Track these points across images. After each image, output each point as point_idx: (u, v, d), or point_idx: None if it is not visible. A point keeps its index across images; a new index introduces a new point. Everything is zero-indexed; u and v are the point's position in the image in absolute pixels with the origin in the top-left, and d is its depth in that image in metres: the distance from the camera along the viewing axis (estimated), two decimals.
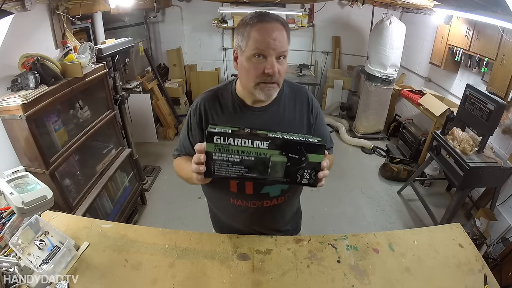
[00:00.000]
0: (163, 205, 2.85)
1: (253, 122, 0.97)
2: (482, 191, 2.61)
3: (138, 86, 3.46)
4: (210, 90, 1.04)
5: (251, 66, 0.86)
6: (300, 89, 1.07)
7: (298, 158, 0.76)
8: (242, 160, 0.75)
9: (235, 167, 0.75)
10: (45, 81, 1.58)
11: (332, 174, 1.06)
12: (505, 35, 2.24)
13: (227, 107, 0.99)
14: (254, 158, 0.75)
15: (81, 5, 2.07)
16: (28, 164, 1.61)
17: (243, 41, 0.86)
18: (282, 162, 0.76)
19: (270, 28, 0.84)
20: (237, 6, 3.64)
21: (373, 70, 3.64)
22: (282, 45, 0.85)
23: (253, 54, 0.85)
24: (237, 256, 1.04)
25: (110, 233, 1.13)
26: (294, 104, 1.03)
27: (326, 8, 4.38)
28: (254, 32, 0.84)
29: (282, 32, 0.86)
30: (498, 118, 2.08)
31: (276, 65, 0.85)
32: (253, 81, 0.88)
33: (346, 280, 0.96)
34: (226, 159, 0.74)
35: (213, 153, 0.74)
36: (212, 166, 0.75)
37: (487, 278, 0.96)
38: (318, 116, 1.06)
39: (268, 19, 0.85)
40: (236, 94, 1.00)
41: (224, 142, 0.73)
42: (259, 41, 0.83)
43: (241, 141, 0.74)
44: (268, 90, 0.89)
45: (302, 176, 0.78)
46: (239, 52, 0.90)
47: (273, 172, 0.76)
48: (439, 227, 1.23)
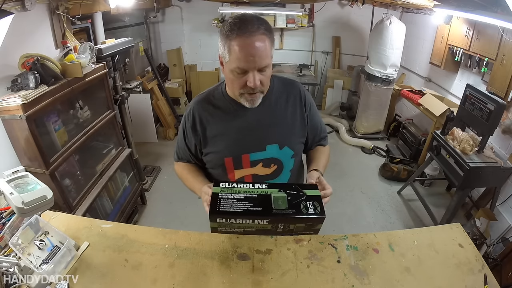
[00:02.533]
0: (163, 205, 2.85)
1: (246, 120, 1.00)
2: (482, 191, 2.61)
3: (138, 86, 3.46)
4: (201, 94, 1.07)
5: (234, 79, 0.90)
6: (291, 83, 1.08)
7: (297, 193, 0.86)
8: (246, 198, 0.84)
9: (240, 203, 0.83)
10: (45, 81, 1.58)
11: (332, 174, 1.07)
12: (505, 35, 2.24)
13: (220, 107, 1.02)
14: (257, 195, 0.84)
15: (81, 5, 2.07)
16: (28, 164, 1.61)
17: (226, 52, 0.87)
18: (283, 197, 0.84)
19: (249, 44, 0.83)
20: (237, 6, 3.65)
21: (373, 70, 3.64)
22: (262, 60, 0.85)
23: (234, 68, 0.87)
24: (237, 256, 1.04)
25: (110, 233, 1.13)
26: (286, 98, 1.04)
27: (326, 8, 4.38)
28: (235, 47, 0.84)
29: (263, 43, 0.84)
30: (498, 118, 2.08)
31: (258, 76, 0.87)
32: (237, 91, 0.92)
33: (346, 280, 0.96)
34: (231, 197, 0.84)
35: (219, 193, 0.84)
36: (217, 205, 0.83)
37: (487, 278, 0.96)
38: (311, 108, 1.09)
39: (247, 33, 0.82)
40: (227, 94, 1.02)
41: (228, 186, 0.86)
42: (239, 59, 0.84)
43: (243, 184, 0.86)
44: (251, 100, 0.93)
45: (307, 207, 0.84)
46: (224, 61, 0.91)
47: (277, 205, 0.83)
48: (439, 227, 1.23)
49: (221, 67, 0.95)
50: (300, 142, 1.09)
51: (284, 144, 1.01)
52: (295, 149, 1.04)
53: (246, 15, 0.87)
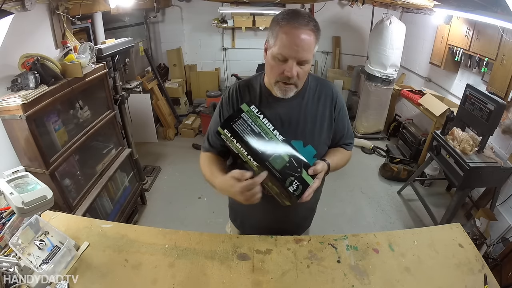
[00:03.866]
0: (163, 205, 2.85)
1: (276, 112, 1.02)
2: (482, 191, 2.61)
3: (138, 86, 3.46)
4: (242, 80, 1.11)
5: (274, 65, 0.91)
6: (326, 84, 1.09)
7: (296, 166, 0.86)
8: (259, 134, 0.85)
9: (250, 134, 0.84)
10: (45, 81, 1.57)
11: (332, 174, 1.06)
12: (505, 35, 2.24)
13: (255, 96, 1.04)
14: (268, 140, 0.85)
15: (81, 5, 2.07)
16: (28, 164, 1.60)
17: (272, 38, 0.90)
18: (284, 160, 0.84)
19: (296, 34, 0.85)
20: (237, 6, 3.64)
21: (373, 70, 3.64)
22: (305, 53, 0.87)
23: (276, 54, 0.89)
24: (237, 256, 1.04)
25: (110, 233, 1.13)
26: (319, 97, 1.05)
27: (326, 8, 4.38)
28: (282, 34, 0.87)
29: (309, 38, 0.87)
30: (498, 118, 2.08)
31: (296, 68, 0.89)
32: (274, 78, 0.94)
33: (346, 280, 0.96)
34: (249, 123, 0.85)
35: (243, 112, 0.86)
36: (235, 120, 0.85)
37: (487, 278, 0.96)
38: (341, 112, 1.09)
39: (297, 24, 0.85)
40: (264, 85, 1.04)
41: (256, 113, 0.87)
42: (283, 46, 0.86)
43: (267, 122, 0.87)
44: (285, 90, 0.94)
45: (292, 183, 0.84)
46: (268, 46, 0.94)
47: (274, 161, 0.83)
48: (439, 227, 1.23)
49: (264, 54, 0.97)
50: (325, 144, 1.08)
51: (308, 142, 0.99)
52: (318, 149, 1.01)
53: (300, 10, 0.91)
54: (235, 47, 4.75)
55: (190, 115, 4.37)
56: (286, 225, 1.21)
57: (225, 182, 0.88)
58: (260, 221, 1.20)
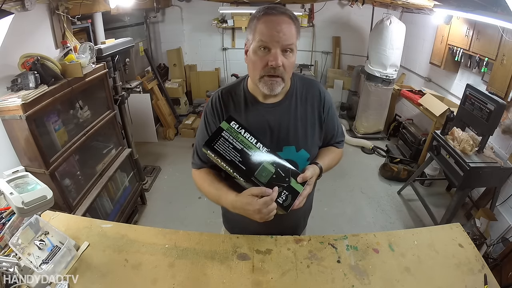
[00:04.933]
0: (163, 205, 2.85)
1: (265, 119, 0.98)
2: (482, 191, 2.61)
3: (138, 86, 3.46)
4: (224, 88, 1.04)
5: (256, 58, 0.87)
6: (312, 83, 1.05)
7: (284, 176, 0.85)
8: (241, 150, 0.84)
9: (233, 152, 0.84)
10: (45, 81, 1.58)
11: (332, 174, 1.06)
12: (505, 35, 2.24)
13: (239, 103, 0.99)
14: (252, 154, 0.85)
15: (81, 5, 2.07)
16: (28, 164, 1.61)
17: (251, 34, 0.88)
18: (270, 172, 0.84)
19: (275, 20, 0.84)
20: (237, 6, 3.64)
21: (373, 70, 3.64)
22: (287, 38, 0.84)
23: (258, 46, 0.85)
24: (237, 256, 1.04)
25: (110, 233, 1.13)
26: (306, 98, 1.01)
27: (326, 8, 4.38)
28: (260, 24, 0.85)
29: (289, 25, 0.85)
30: (498, 118, 2.08)
31: (281, 57, 0.85)
32: (258, 74, 0.89)
33: (346, 280, 0.96)
34: (231, 141, 0.84)
35: (224, 131, 0.85)
36: (216, 140, 0.84)
37: (487, 278, 0.96)
38: (330, 111, 1.05)
39: (274, 12, 0.85)
40: (248, 90, 1.00)
41: (237, 129, 0.86)
42: (263, 33, 0.84)
43: (249, 136, 0.86)
44: (271, 84, 0.88)
45: (280, 194, 0.83)
46: (248, 45, 0.91)
47: (259, 175, 0.84)
48: (439, 227, 1.23)
49: (245, 57, 0.94)
50: (316, 145, 1.06)
51: (301, 146, 0.98)
52: (311, 152, 1.01)
53: (276, 5, 0.89)
54: (235, 47, 4.75)
55: (190, 115, 4.37)
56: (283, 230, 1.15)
57: (241, 201, 0.85)
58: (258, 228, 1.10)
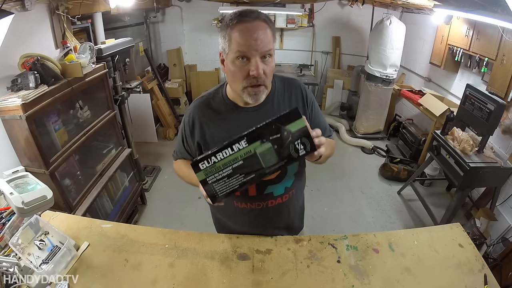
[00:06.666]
0: (163, 205, 2.85)
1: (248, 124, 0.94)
2: (482, 191, 2.61)
3: (138, 86, 3.46)
4: (201, 97, 1.02)
5: (236, 69, 0.84)
6: (292, 82, 1.04)
7: (280, 135, 0.74)
8: (234, 169, 0.76)
9: (232, 179, 0.77)
10: (45, 81, 1.58)
11: (332, 174, 1.06)
12: (505, 35, 2.24)
13: (220, 111, 0.97)
14: (243, 161, 0.76)
15: (81, 5, 2.07)
16: (28, 164, 1.60)
17: (226, 43, 0.84)
18: (269, 148, 0.75)
19: (251, 28, 0.81)
20: (237, 6, 3.64)
21: (373, 70, 3.64)
22: (265, 44, 0.81)
23: (236, 56, 0.82)
24: (237, 256, 1.04)
25: (110, 233, 1.13)
26: (289, 98, 1.00)
27: (326, 8, 4.38)
28: (235, 33, 0.81)
29: (264, 30, 0.82)
30: (498, 118, 2.08)
31: (261, 65, 0.82)
32: (240, 85, 0.86)
33: (346, 280, 0.96)
34: (220, 177, 0.77)
35: (206, 179, 0.77)
36: (212, 191, 0.79)
37: (487, 278, 0.96)
38: (314, 107, 1.04)
39: (248, 18, 0.81)
40: (227, 97, 0.97)
41: (209, 164, 0.75)
42: (240, 43, 0.81)
43: (222, 154, 0.75)
44: (255, 94, 0.87)
45: (296, 149, 0.75)
46: (224, 55, 0.88)
47: (267, 162, 0.76)
48: (439, 227, 1.23)
49: (221, 66, 0.91)
50: None
51: None
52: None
53: (247, 8, 0.86)
54: None
55: None
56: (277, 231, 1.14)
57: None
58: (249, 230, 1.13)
